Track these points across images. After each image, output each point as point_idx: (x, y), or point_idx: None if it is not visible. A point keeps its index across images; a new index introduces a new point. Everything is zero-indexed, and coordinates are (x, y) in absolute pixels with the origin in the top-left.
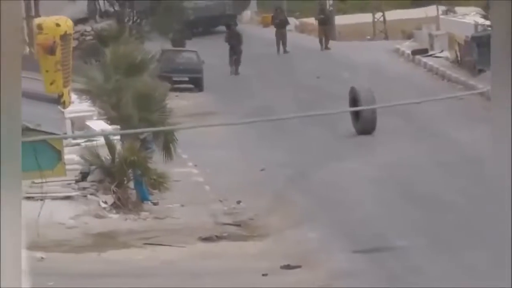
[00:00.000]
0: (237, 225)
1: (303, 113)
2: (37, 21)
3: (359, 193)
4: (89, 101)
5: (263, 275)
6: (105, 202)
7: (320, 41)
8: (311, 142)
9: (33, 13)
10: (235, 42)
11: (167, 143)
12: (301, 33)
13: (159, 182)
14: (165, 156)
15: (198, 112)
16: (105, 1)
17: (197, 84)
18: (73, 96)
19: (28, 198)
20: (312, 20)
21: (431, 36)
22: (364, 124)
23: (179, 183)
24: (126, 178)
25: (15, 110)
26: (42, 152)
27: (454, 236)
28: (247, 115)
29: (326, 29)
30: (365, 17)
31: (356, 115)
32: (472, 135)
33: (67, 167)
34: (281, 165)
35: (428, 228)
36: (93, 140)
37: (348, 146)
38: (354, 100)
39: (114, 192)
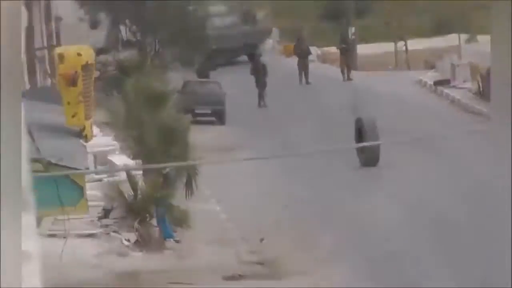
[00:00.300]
0: (261, 263)
1: (324, 147)
2: (58, 50)
3: (384, 229)
4: (112, 134)
5: None
6: (128, 240)
7: (342, 71)
8: (332, 175)
9: (54, 42)
10: (260, 74)
11: (190, 179)
12: (323, 63)
13: (182, 219)
14: (188, 192)
15: (221, 146)
16: (127, 31)
17: (219, 117)
18: (95, 129)
19: (51, 235)
20: (334, 49)
21: (453, 66)
22: (368, 156)
23: (202, 220)
24: (149, 215)
25: (16, 109)
26: (64, 188)
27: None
28: (270, 149)
29: (348, 59)
30: (387, 47)
31: (361, 148)
32: (494, 169)
33: (90, 203)
34: (304, 201)
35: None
36: (115, 176)
37: (372, 178)
38: (359, 132)
39: (136, 230)
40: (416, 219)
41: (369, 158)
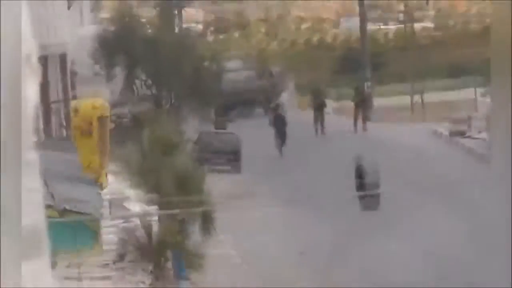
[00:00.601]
0: None
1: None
2: (73, 103)
3: (400, 276)
4: (126, 182)
5: None
6: (143, 283)
7: (354, 124)
8: (348, 221)
9: (70, 95)
10: (280, 125)
11: (206, 224)
12: (339, 115)
13: (196, 263)
14: (204, 237)
15: (236, 194)
16: (142, 85)
17: (235, 166)
18: (111, 178)
19: (66, 278)
20: (349, 102)
21: (469, 117)
22: (369, 201)
23: (217, 266)
24: (164, 258)
25: (16, 111)
26: (79, 233)
27: None
28: (286, 198)
29: (363, 111)
30: (403, 99)
31: (360, 188)
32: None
33: (105, 247)
34: (320, 247)
35: None
36: (130, 221)
37: (388, 224)
38: (359, 177)
39: (151, 273)
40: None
41: (369, 202)
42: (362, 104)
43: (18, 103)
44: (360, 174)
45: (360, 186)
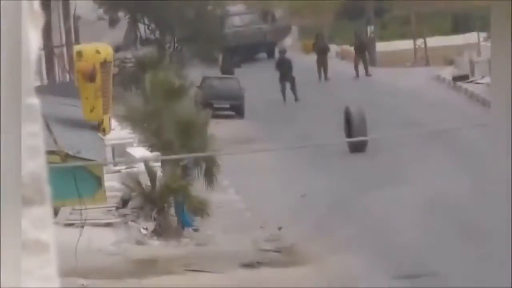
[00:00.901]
0: (278, 251)
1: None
2: (76, 48)
3: (400, 219)
4: (130, 127)
5: None
6: (146, 229)
7: (355, 68)
8: (350, 168)
9: (73, 40)
10: (286, 69)
11: (209, 170)
12: (343, 59)
13: (200, 209)
14: (207, 183)
15: (239, 139)
16: (146, 29)
17: (238, 111)
18: (114, 123)
19: (68, 225)
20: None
21: (472, 62)
22: (356, 145)
23: (220, 210)
24: (167, 204)
25: (16, 110)
26: (82, 179)
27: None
28: (288, 142)
29: (363, 56)
30: (407, 44)
31: (349, 135)
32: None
33: (108, 193)
34: (321, 191)
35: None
36: (133, 167)
37: (388, 171)
38: (347, 121)
39: (154, 219)
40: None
41: (356, 144)
42: (362, 49)
43: (18, 47)
44: (348, 119)
45: (348, 131)
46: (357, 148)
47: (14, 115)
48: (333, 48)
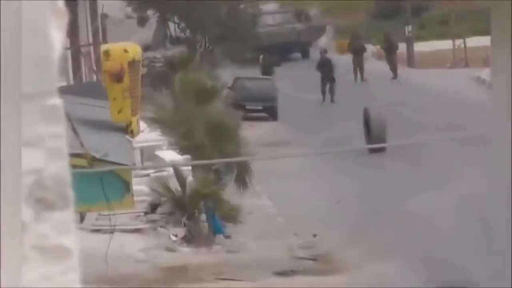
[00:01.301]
0: (313, 259)
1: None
2: (104, 47)
3: (438, 225)
4: (159, 130)
5: None
6: (176, 235)
7: (391, 69)
8: (386, 172)
9: (100, 39)
10: (327, 70)
11: (241, 174)
12: (379, 60)
13: (232, 215)
14: (239, 188)
15: (273, 142)
16: (176, 28)
17: (271, 113)
18: (142, 125)
19: (95, 230)
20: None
21: None
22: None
23: (252, 216)
24: (198, 210)
25: (15, 110)
26: (110, 183)
27: None
28: (323, 146)
29: (391, 58)
30: (445, 44)
31: (368, 135)
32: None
33: (136, 198)
34: (356, 197)
35: None
36: (163, 171)
37: (425, 175)
38: (366, 122)
39: (184, 225)
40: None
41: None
42: (391, 50)
43: (18, 47)
44: (367, 120)
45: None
46: (377, 149)
47: (14, 115)
48: (370, 48)
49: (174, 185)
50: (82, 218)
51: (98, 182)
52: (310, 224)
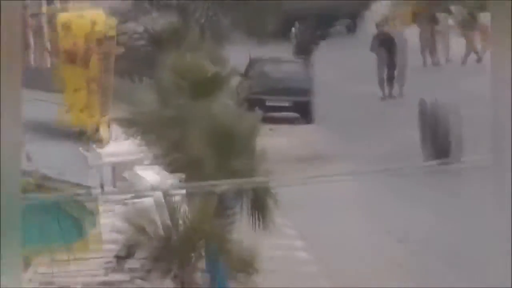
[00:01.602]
0: None
1: None
2: (62, 17)
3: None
4: (139, 137)
5: None
6: None
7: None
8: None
9: (57, 5)
10: (388, 52)
11: (259, 203)
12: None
13: (244, 262)
14: (255, 222)
15: (305, 156)
16: None
17: (303, 112)
18: (115, 130)
19: (46, 283)
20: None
21: None
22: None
23: (274, 263)
24: (195, 255)
25: (15, 108)
26: (65, 216)
27: None
28: (378, 161)
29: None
30: None
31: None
32: None
33: (105, 237)
34: (426, 233)
35: None
36: (144, 197)
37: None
38: (422, 113)
39: (175, 276)
40: None
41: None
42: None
43: (18, 46)
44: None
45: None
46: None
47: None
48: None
49: (161, 217)
50: (27, 266)
51: (51, 215)
52: (358, 276)
